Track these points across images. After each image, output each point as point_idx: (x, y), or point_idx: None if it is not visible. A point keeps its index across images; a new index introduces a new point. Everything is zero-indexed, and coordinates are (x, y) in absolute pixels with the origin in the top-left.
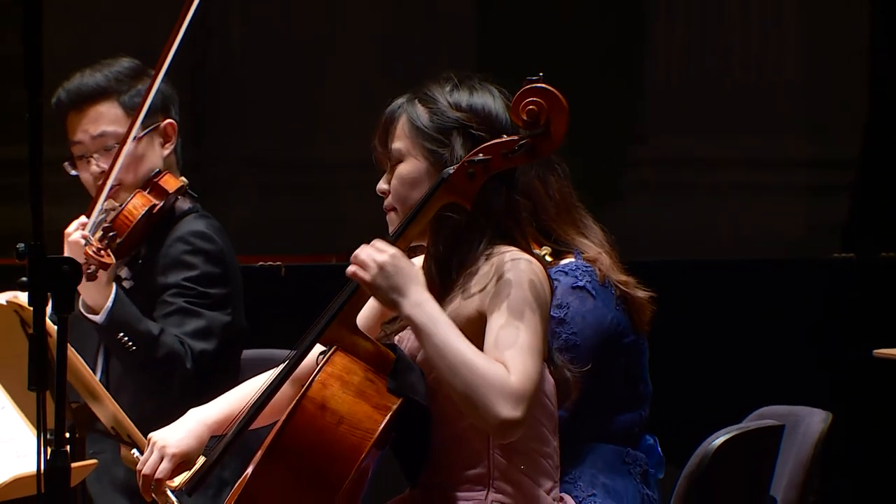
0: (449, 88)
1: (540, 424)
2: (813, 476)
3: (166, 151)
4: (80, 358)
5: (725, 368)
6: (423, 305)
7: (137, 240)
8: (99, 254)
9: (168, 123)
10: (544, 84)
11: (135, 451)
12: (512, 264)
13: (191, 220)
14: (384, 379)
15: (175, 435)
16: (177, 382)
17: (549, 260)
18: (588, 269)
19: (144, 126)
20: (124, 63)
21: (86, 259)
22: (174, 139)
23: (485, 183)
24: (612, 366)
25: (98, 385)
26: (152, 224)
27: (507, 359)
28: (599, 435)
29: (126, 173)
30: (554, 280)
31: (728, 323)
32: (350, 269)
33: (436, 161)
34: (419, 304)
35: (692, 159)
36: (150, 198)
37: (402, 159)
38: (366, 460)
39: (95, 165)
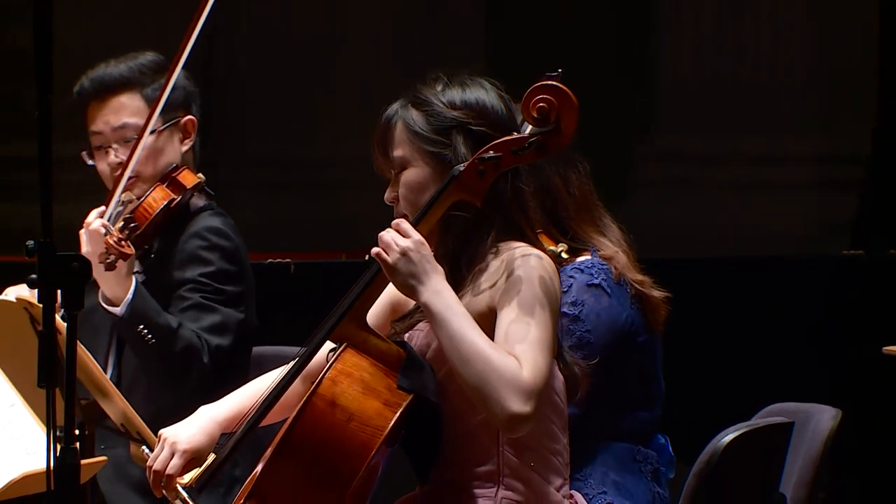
0: (441, 88)
1: (550, 421)
2: (822, 473)
3: (185, 147)
4: (90, 355)
5: (735, 365)
6: (442, 294)
7: (152, 233)
8: (120, 244)
9: (188, 120)
10: (555, 81)
11: (144, 448)
12: (522, 260)
13: (206, 217)
14: (394, 376)
15: (186, 431)
16: (194, 377)
17: (566, 257)
18: (604, 267)
19: (165, 120)
20: (148, 56)
21: (106, 248)
22: (193, 136)
23: (495, 180)
24: (626, 364)
25: (108, 382)
26: (169, 218)
27: (519, 353)
28: (612, 433)
29: (144, 166)
30: (570, 277)
31: (737, 320)
32: (374, 250)
33: (440, 163)
34: (438, 293)
35: (702, 156)
36: (169, 192)
37: (406, 166)
38: (376, 457)
39: (114, 156)
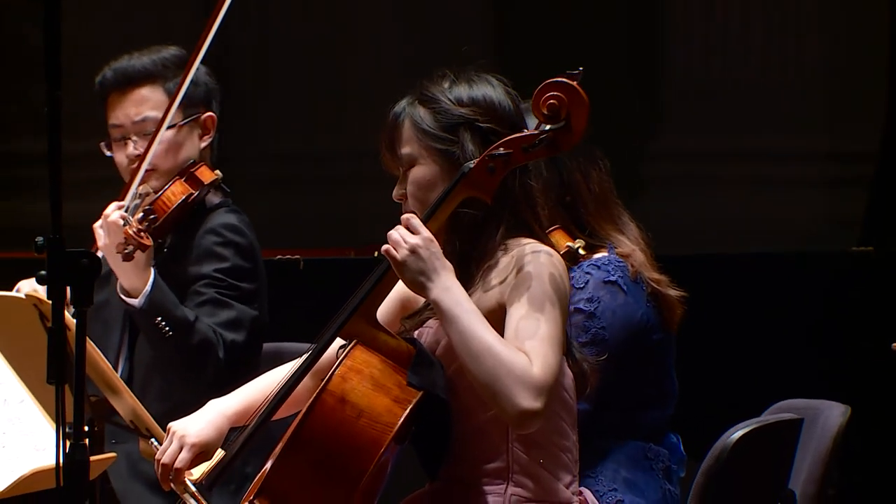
0: (447, 85)
1: (559, 418)
2: (831, 469)
3: (203, 143)
4: (99, 351)
5: (744, 362)
6: (451, 290)
7: (169, 227)
8: (139, 234)
9: (208, 116)
10: (565, 78)
11: (153, 441)
12: (532, 256)
13: (222, 214)
14: (404, 373)
15: (195, 425)
16: (210, 371)
17: (583, 253)
18: (620, 265)
19: (185, 115)
20: (171, 51)
21: (125, 239)
22: (212, 133)
23: (504, 177)
24: (640, 362)
25: (117, 378)
26: (184, 214)
27: (529, 349)
28: (626, 431)
29: (163, 159)
30: (586, 273)
31: (746, 316)
32: (384, 248)
33: (448, 160)
34: (447, 289)
35: (710, 154)
36: (188, 186)
37: (414, 164)
38: (385, 454)
39: (133, 148)
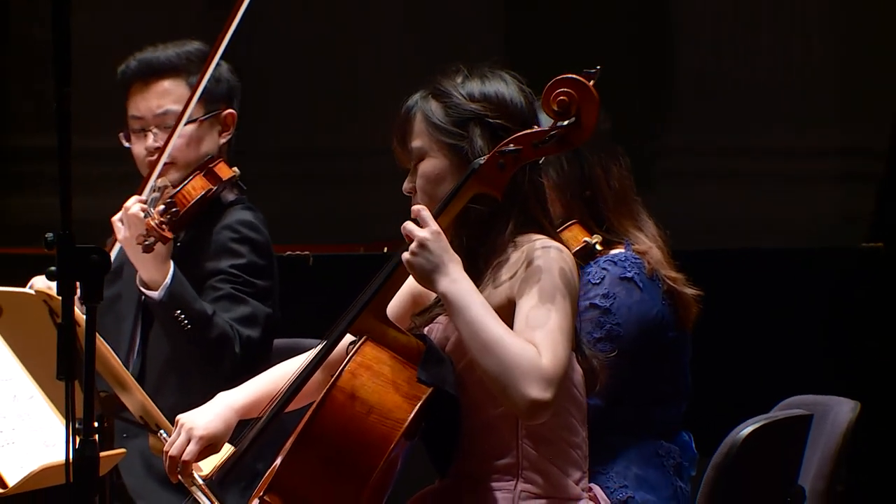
0: (460, 80)
1: (569, 414)
2: (841, 466)
3: (223, 140)
4: (109, 347)
5: (754, 358)
6: (460, 283)
7: (186, 221)
8: (161, 227)
9: (228, 113)
10: (575, 74)
11: (162, 433)
12: (542, 251)
13: (238, 210)
14: (414, 369)
15: (203, 418)
16: (227, 365)
17: (600, 248)
18: (637, 261)
19: (207, 111)
20: (195, 45)
21: (147, 231)
22: (231, 130)
23: (515, 173)
24: (655, 359)
25: (127, 374)
26: (202, 209)
27: (538, 340)
28: (638, 428)
29: (183, 153)
30: (603, 269)
31: (755, 312)
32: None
33: (457, 155)
34: (456, 282)
35: (721, 149)
36: (207, 181)
37: (424, 157)
38: (395, 450)
39: (153, 140)
